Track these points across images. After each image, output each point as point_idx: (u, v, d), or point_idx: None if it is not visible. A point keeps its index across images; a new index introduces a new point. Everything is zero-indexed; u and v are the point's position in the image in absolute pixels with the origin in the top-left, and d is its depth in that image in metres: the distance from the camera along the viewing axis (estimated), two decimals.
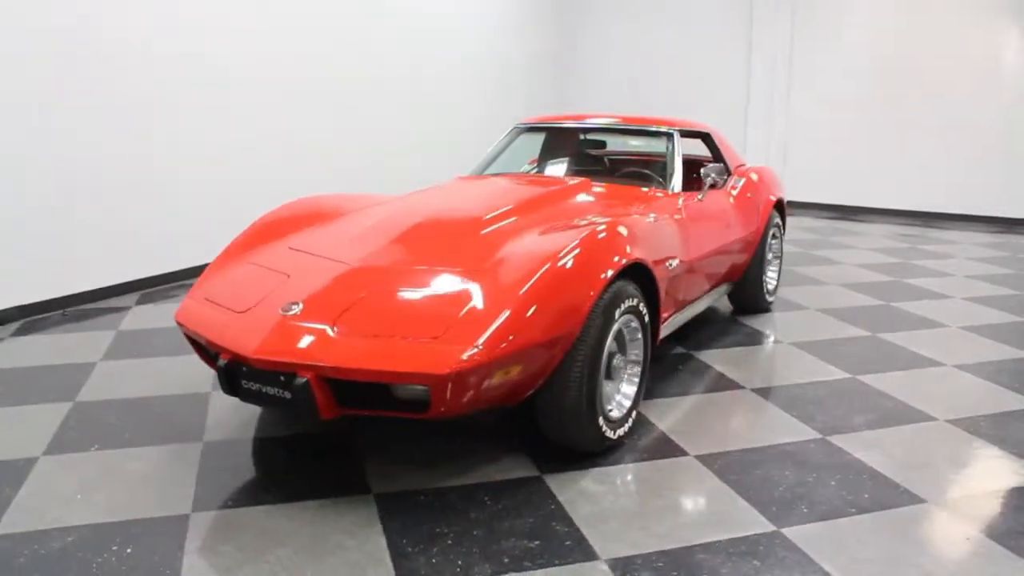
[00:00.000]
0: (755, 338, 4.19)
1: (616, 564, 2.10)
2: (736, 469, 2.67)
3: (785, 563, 2.10)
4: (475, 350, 2.22)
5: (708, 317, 4.58)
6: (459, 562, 2.10)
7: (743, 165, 4.71)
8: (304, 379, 2.27)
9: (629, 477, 2.61)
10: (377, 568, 2.06)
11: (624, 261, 2.67)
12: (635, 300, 2.76)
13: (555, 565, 2.09)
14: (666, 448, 2.83)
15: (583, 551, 2.16)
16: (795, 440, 2.90)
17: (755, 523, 2.31)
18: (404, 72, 7.10)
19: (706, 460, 2.73)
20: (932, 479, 2.59)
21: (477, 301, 2.39)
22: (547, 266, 2.47)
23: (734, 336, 4.22)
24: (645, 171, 4.08)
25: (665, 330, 3.44)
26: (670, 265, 3.21)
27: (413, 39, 7.21)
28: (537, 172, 4.39)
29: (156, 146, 4.96)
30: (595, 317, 2.54)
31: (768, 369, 3.71)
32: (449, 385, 2.19)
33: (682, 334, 4.17)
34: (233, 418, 3.01)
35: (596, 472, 2.63)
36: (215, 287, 2.81)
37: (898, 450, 2.81)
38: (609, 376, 2.76)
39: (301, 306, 2.47)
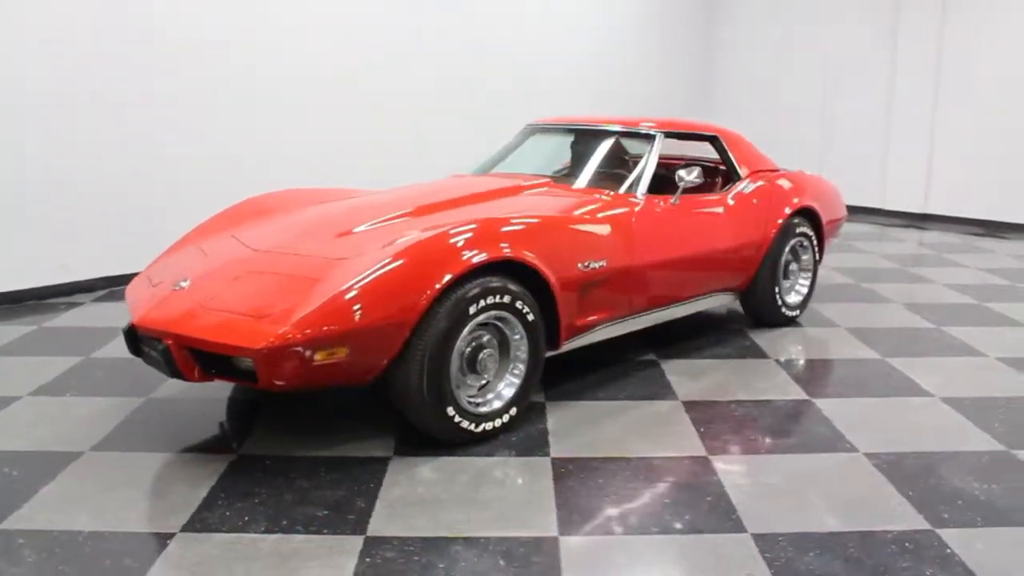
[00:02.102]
0: (740, 352, 3.95)
1: (372, 541, 2.21)
2: (579, 474, 2.63)
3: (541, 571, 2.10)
4: (286, 328, 2.42)
5: (714, 326, 4.38)
6: (245, 516, 2.33)
7: (765, 170, 4.40)
8: (164, 345, 2.62)
9: (468, 469, 2.67)
10: (179, 515, 2.34)
11: (480, 258, 2.71)
12: (506, 297, 2.80)
13: (322, 533, 2.25)
14: (534, 447, 2.84)
15: (356, 526, 2.29)
16: (673, 455, 2.78)
17: (542, 527, 2.30)
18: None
19: (559, 463, 2.72)
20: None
21: (315, 287, 2.59)
22: (384, 260, 2.61)
23: (721, 348, 4.01)
24: (619, 172, 3.99)
25: (606, 332, 3.42)
26: (586, 266, 3.17)
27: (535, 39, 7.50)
28: (558, 172, 4.42)
29: (252, 144, 5.62)
30: (439, 310, 2.63)
31: (711, 386, 3.50)
32: (264, 359, 2.42)
33: (670, 339, 4.05)
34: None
35: (442, 461, 2.72)
36: (157, 265, 3.26)
37: (776, 478, 2.62)
38: (474, 370, 2.84)
39: (189, 282, 2.83)
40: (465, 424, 2.78)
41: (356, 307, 2.51)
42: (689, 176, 3.70)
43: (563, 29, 7.85)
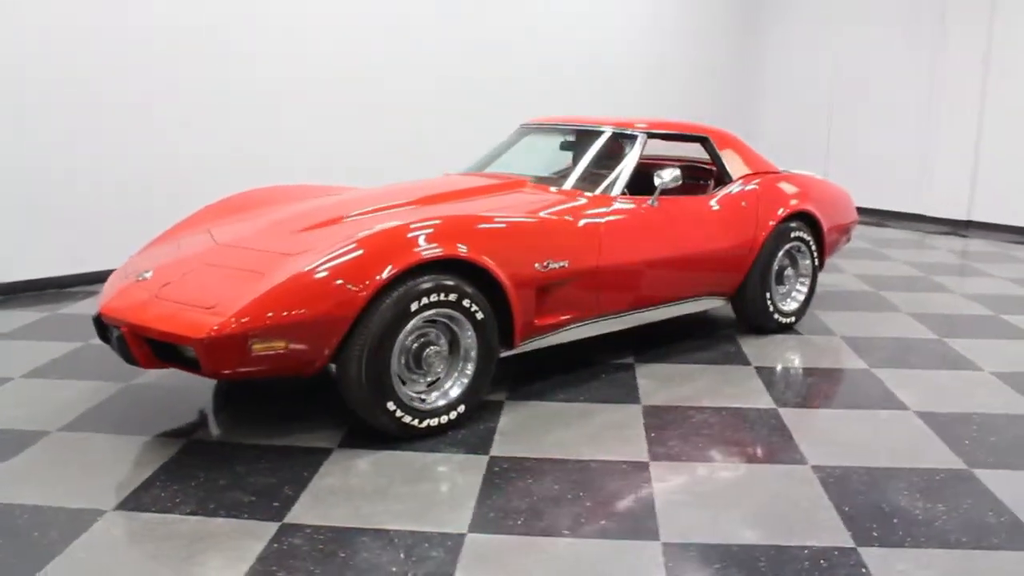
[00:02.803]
0: (723, 357, 3.87)
1: (286, 528, 2.28)
2: (511, 474, 2.64)
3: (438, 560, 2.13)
4: (225, 320, 2.51)
5: (705, 330, 4.31)
6: (177, 499, 2.42)
7: (761, 172, 4.28)
8: (119, 332, 2.74)
9: (404, 463, 2.70)
10: (116, 494, 2.45)
11: (421, 256, 2.74)
12: (452, 295, 2.83)
13: (241, 518, 2.32)
14: (478, 445, 2.86)
15: (276, 513, 2.36)
16: (612, 460, 2.76)
17: (455, 523, 2.32)
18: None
19: (495, 462, 2.73)
20: None
21: (259, 281, 2.67)
22: (324, 257, 2.68)
23: (704, 352, 3.93)
24: (605, 172, 3.95)
25: (577, 333, 3.41)
26: (544, 266, 3.16)
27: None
28: (556, 173, 4.42)
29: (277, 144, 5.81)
30: (379, 306, 2.68)
31: (679, 391, 3.43)
32: (204, 348, 2.52)
33: (655, 342, 4.00)
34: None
35: (382, 454, 2.76)
36: (137, 256, 3.40)
37: (710, 487, 2.56)
38: (419, 367, 2.87)
39: (151, 273, 2.95)
40: (407, 419, 2.82)
41: (293, 300, 2.58)
42: (666, 178, 3.66)
43: (609, 28, 7.84)
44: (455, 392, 2.96)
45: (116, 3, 5.00)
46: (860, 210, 4.97)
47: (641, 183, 4.62)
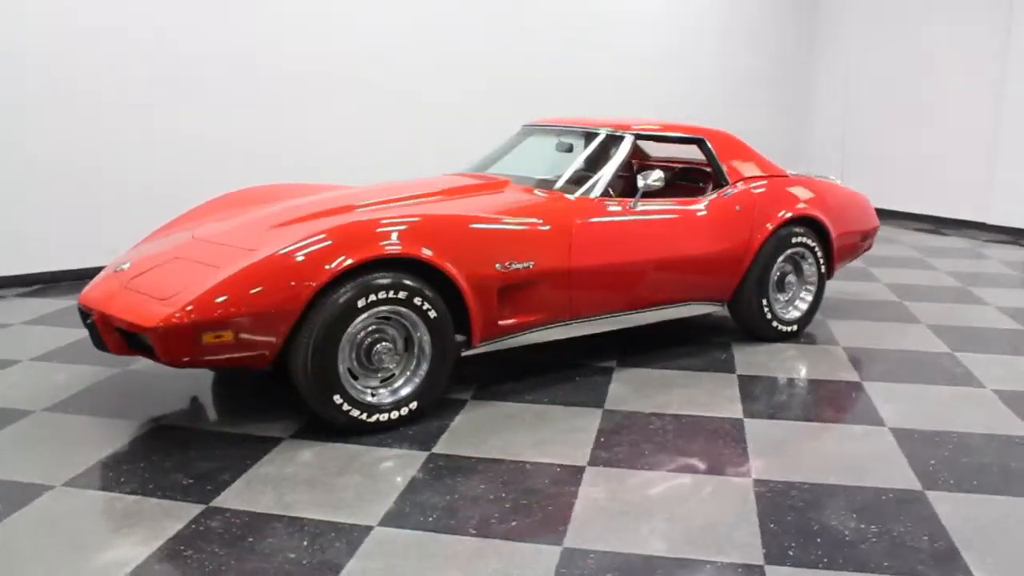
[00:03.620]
0: (709, 364, 3.77)
1: (209, 511, 2.38)
2: (443, 472, 2.67)
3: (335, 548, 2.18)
4: (174, 310, 2.65)
5: (701, 336, 4.21)
6: (123, 478, 2.57)
7: (764, 176, 4.14)
8: (91, 319, 2.92)
9: (345, 456, 2.77)
10: (69, 471, 2.62)
11: (369, 255, 2.80)
12: (402, 293, 2.88)
13: (174, 499, 2.44)
14: (426, 441, 2.90)
15: (206, 496, 2.47)
16: (550, 462, 2.75)
17: (368, 516, 2.37)
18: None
19: (433, 458, 2.76)
20: None
21: (215, 274, 2.79)
22: (273, 251, 2.79)
23: (692, 359, 3.84)
24: (589, 174, 3.90)
25: (550, 335, 3.41)
26: (506, 267, 3.16)
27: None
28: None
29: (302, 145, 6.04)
30: (325, 302, 2.76)
31: (649, 397, 3.37)
32: (157, 337, 2.65)
33: (646, 347, 3.95)
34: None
35: (328, 446, 2.84)
36: (127, 250, 3.59)
37: (639, 495, 2.52)
38: (370, 363, 2.93)
39: (128, 264, 3.13)
40: (355, 413, 2.89)
41: (241, 293, 2.69)
42: (649, 179, 3.60)
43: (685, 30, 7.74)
44: (407, 390, 3.01)
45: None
46: (915, 216, 4.69)
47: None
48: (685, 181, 4.42)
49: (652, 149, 4.80)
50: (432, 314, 2.99)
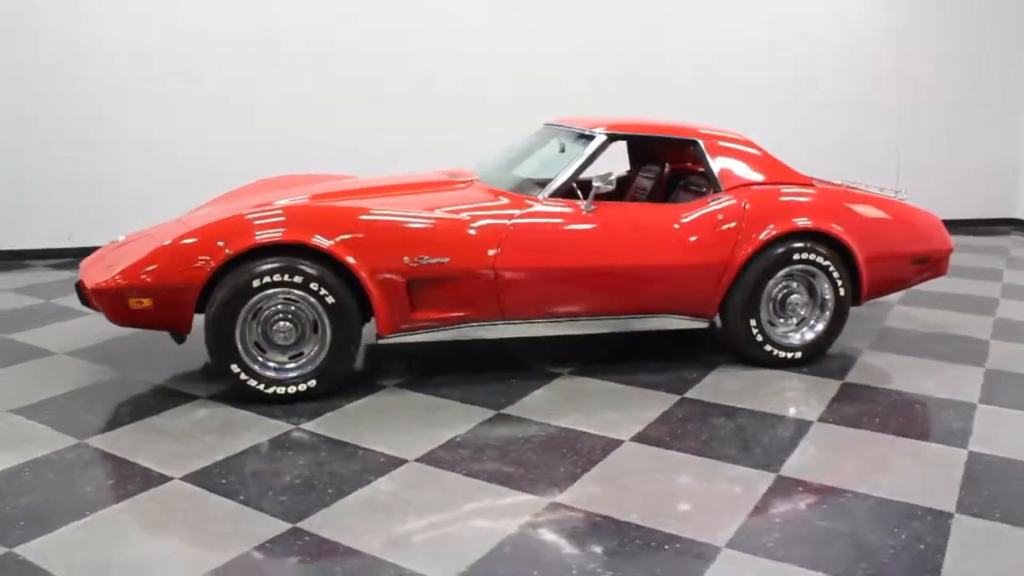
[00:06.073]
0: (670, 383, 3.50)
1: (78, 446, 2.81)
2: (284, 446, 2.84)
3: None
4: (107, 278, 3.13)
5: (687, 353, 3.89)
6: (41, 410, 3.10)
7: (772, 182, 3.72)
8: (78, 282, 3.52)
9: (226, 419, 3.06)
10: (37, 410, 3.19)
11: (264, 239, 3.06)
12: (297, 277, 3.10)
13: (57, 431, 2.90)
14: (300, 417, 3.10)
15: (88, 434, 2.90)
16: (385, 452, 2.80)
17: (177, 469, 2.61)
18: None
19: (291, 434, 2.96)
20: None
21: (152, 247, 3.21)
22: (187, 229, 3.19)
23: (656, 375, 3.58)
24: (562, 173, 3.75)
25: (486, 332, 3.44)
26: (416, 261, 3.23)
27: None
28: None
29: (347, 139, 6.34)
30: (223, 280, 3.08)
31: (578, 408, 3.24)
32: (96, 298, 3.17)
33: (617, 357, 3.80)
34: None
35: (223, 409, 3.15)
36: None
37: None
38: (271, 344, 3.21)
39: (123, 238, 3.69)
40: (252, 383, 3.18)
41: (153, 267, 3.10)
42: (599, 182, 3.43)
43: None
44: (308, 368, 3.23)
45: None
46: None
47: (659, 191, 4.35)
48: (693, 187, 4.09)
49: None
50: (330, 300, 3.17)
